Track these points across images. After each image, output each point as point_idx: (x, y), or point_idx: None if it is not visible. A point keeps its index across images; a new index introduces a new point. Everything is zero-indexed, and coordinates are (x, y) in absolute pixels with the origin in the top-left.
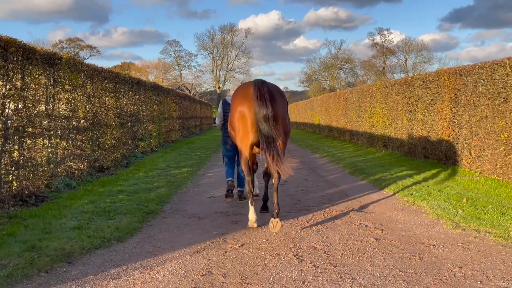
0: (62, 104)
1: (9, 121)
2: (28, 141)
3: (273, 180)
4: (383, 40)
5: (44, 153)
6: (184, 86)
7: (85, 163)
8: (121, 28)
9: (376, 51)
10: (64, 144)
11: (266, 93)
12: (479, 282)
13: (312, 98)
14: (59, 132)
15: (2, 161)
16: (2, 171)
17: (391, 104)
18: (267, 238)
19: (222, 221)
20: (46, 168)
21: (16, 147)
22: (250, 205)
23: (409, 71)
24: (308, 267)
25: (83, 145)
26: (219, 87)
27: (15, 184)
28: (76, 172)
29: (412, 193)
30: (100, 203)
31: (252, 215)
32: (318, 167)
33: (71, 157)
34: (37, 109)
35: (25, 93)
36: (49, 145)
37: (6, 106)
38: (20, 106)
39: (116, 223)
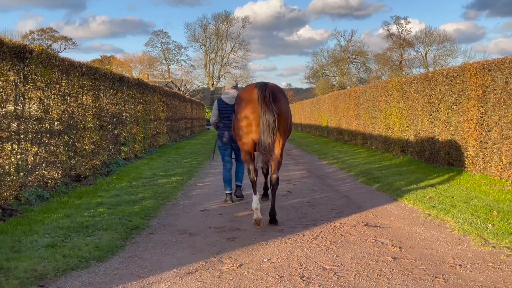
0: (34, 104)
1: None
2: None
3: (271, 182)
4: (399, 31)
5: (12, 160)
6: (173, 83)
7: (60, 172)
8: (100, 16)
9: (391, 43)
10: (36, 149)
11: (269, 95)
12: None
13: (319, 96)
14: (30, 136)
15: None
16: None
17: (409, 103)
18: (269, 257)
19: (217, 238)
20: (15, 177)
21: None
22: (253, 194)
23: (430, 66)
24: None
25: (58, 150)
26: (212, 84)
27: None
28: (50, 181)
29: (434, 205)
30: (77, 217)
31: (256, 203)
32: (326, 175)
33: (44, 165)
34: (4, 109)
35: None
36: (19, 150)
37: None
38: None
39: (96, 241)
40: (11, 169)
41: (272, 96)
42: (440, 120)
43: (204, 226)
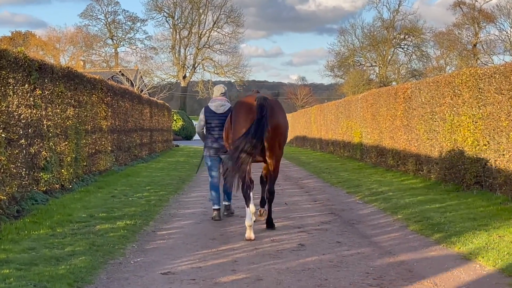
0: None
1: None
2: None
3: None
4: None
5: None
6: (123, 74)
7: None
8: None
9: (461, 16)
10: None
11: (267, 109)
12: None
13: (349, 97)
14: None
15: None
16: None
17: (488, 108)
18: None
19: None
20: None
21: None
22: (246, 207)
23: None
24: None
25: None
26: (184, 77)
27: None
28: None
29: None
30: None
31: (249, 220)
32: (359, 219)
33: None
34: None
35: None
36: None
37: None
38: None
39: None
40: None
41: (269, 110)
42: None
43: None
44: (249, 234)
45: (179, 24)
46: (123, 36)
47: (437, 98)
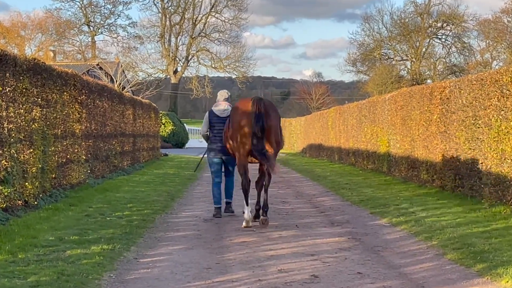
0: None
1: None
2: None
3: (264, 181)
4: None
5: None
6: (101, 68)
7: None
8: None
9: (511, 1)
10: None
11: (263, 109)
12: None
13: (374, 97)
14: None
15: None
16: None
17: None
18: None
19: None
20: None
21: None
22: (245, 205)
23: None
24: None
25: None
26: (175, 72)
27: None
28: None
29: None
30: None
31: (247, 215)
32: (385, 246)
33: None
34: None
35: None
36: None
37: None
38: None
39: None
40: None
41: (264, 110)
42: None
43: None
44: (247, 219)
45: (170, 7)
46: (101, 22)
47: (481, 99)
